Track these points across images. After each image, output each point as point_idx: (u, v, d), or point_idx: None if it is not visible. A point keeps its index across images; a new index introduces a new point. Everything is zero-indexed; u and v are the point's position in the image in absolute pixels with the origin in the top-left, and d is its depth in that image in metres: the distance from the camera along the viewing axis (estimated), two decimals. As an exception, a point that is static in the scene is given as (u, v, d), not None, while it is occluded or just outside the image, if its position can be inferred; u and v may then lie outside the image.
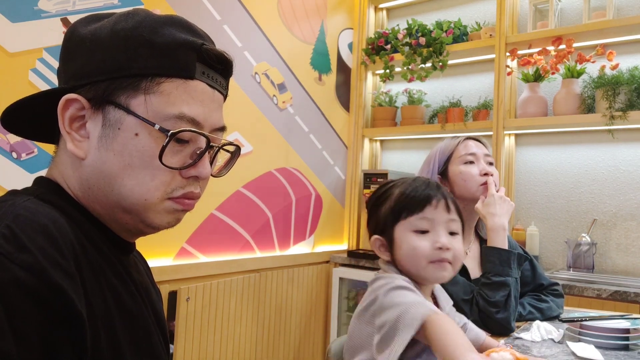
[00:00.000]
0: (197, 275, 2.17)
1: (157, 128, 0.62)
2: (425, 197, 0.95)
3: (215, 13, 2.30)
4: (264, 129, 2.58)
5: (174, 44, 0.64)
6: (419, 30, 2.92)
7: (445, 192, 0.98)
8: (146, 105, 0.63)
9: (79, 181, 0.65)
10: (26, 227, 0.52)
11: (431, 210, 0.95)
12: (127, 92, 0.63)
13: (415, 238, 0.95)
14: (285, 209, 2.71)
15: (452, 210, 0.96)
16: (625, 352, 1.14)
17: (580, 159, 2.61)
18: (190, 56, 0.65)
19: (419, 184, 0.98)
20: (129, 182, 0.63)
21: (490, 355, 0.96)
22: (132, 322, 0.65)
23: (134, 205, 0.64)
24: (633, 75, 2.33)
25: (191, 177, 0.67)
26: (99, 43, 0.63)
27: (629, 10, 2.52)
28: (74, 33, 0.66)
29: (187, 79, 0.64)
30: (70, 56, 0.66)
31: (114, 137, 0.63)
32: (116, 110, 0.63)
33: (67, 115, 0.64)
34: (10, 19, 1.63)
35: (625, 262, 2.44)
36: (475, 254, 1.50)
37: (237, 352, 2.34)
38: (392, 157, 3.30)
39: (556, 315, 1.45)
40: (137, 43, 0.63)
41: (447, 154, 1.53)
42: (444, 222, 0.95)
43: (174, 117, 0.63)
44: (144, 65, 0.63)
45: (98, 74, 0.63)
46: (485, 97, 2.90)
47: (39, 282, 0.50)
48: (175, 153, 0.64)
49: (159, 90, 0.63)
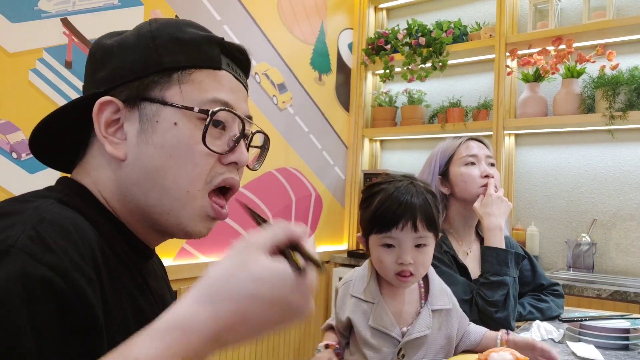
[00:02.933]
0: (197, 275, 2.14)
1: (196, 111, 0.64)
2: (391, 221, 1.03)
3: (215, 13, 2.30)
4: (264, 128, 2.55)
5: (199, 39, 0.67)
6: (419, 30, 2.92)
7: (416, 211, 1.02)
8: (182, 95, 0.64)
9: (116, 184, 0.65)
10: (51, 231, 0.53)
11: (397, 231, 1.03)
12: (160, 86, 0.64)
13: (383, 252, 1.06)
14: (285, 209, 2.71)
15: (419, 229, 1.03)
16: (625, 352, 1.14)
17: (580, 159, 2.61)
18: (215, 49, 0.68)
19: (393, 201, 1.04)
20: (172, 173, 0.64)
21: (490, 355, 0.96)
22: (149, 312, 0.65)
23: (175, 201, 0.64)
24: (633, 75, 2.33)
25: (230, 164, 0.68)
26: (127, 47, 0.65)
27: (629, 10, 2.52)
28: (99, 46, 0.68)
29: (216, 69, 0.67)
30: (99, 66, 0.67)
31: (152, 131, 0.64)
32: (152, 104, 0.64)
33: (103, 119, 0.64)
34: (10, 19, 1.63)
35: (625, 262, 2.44)
36: (476, 254, 1.50)
37: (237, 352, 2.34)
38: (392, 157, 3.30)
39: (556, 316, 1.45)
40: (164, 40, 0.65)
41: (448, 155, 1.53)
42: (410, 240, 1.04)
43: (209, 102, 0.65)
44: (174, 59, 0.65)
45: (129, 74, 0.64)
46: (485, 97, 2.90)
47: (64, 282, 0.50)
48: (214, 138, 0.66)
49: (191, 80, 0.65)
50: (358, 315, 1.09)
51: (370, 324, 1.07)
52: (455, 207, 1.52)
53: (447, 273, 1.38)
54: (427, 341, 1.06)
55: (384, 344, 1.06)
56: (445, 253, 1.44)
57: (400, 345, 1.05)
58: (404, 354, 1.06)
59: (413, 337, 1.05)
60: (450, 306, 1.11)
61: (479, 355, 0.97)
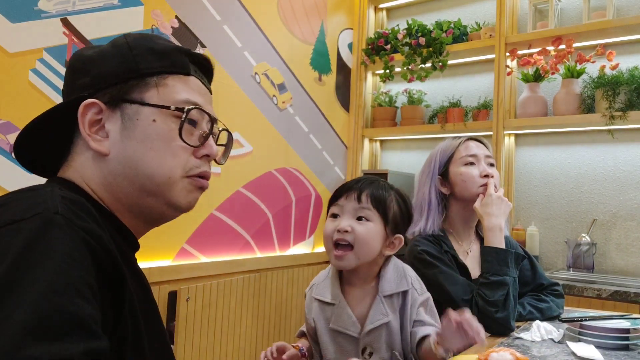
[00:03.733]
0: (197, 276, 2.17)
1: (173, 109, 0.73)
2: (342, 190, 1.10)
3: (215, 13, 2.30)
4: (264, 129, 2.58)
5: (169, 49, 0.76)
6: (419, 30, 2.92)
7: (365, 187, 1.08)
8: (158, 96, 0.73)
9: (101, 177, 0.72)
10: (72, 204, 0.61)
11: (342, 200, 1.09)
12: (139, 89, 0.73)
13: (328, 222, 1.10)
14: (285, 209, 2.71)
15: (363, 201, 1.07)
16: (625, 352, 1.14)
17: (580, 159, 2.61)
18: (184, 58, 0.77)
19: (353, 181, 1.12)
20: (153, 162, 0.72)
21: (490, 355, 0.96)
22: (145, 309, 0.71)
23: (159, 185, 0.73)
24: (633, 75, 2.33)
25: (203, 157, 0.77)
26: (106, 56, 0.74)
27: (629, 10, 2.52)
28: (80, 56, 0.76)
29: (186, 75, 0.77)
30: (80, 73, 0.74)
31: (134, 127, 0.72)
32: (132, 105, 0.72)
33: (87, 119, 0.71)
34: (10, 19, 1.63)
35: (625, 262, 2.44)
36: (476, 253, 1.50)
37: (237, 352, 2.34)
38: (392, 157, 3.30)
39: (556, 316, 1.45)
40: (141, 50, 0.74)
41: (448, 155, 1.53)
42: (352, 210, 1.07)
43: (183, 102, 0.74)
44: (150, 66, 0.74)
45: (111, 79, 0.72)
46: (485, 97, 2.90)
47: (98, 244, 0.58)
48: (188, 134, 0.74)
49: (165, 84, 0.74)
50: (321, 319, 1.09)
51: (330, 326, 1.07)
52: (455, 207, 1.52)
53: (447, 273, 1.38)
54: (390, 329, 1.04)
55: (347, 345, 1.06)
56: (446, 253, 1.44)
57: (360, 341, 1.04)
58: (371, 351, 1.05)
59: (367, 329, 1.03)
60: (406, 287, 1.08)
61: (479, 355, 0.97)
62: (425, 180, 1.55)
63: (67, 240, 0.55)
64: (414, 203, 1.59)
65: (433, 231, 1.48)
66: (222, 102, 2.33)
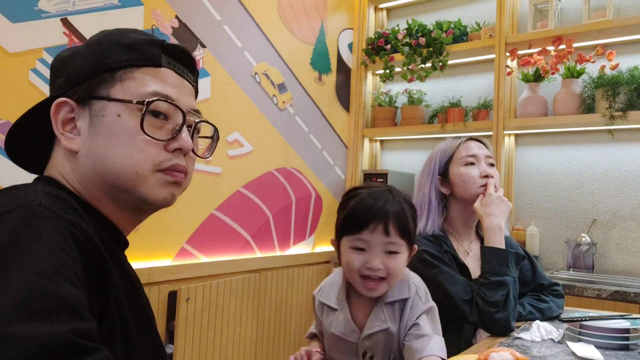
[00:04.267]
0: (197, 275, 2.17)
1: (134, 102, 0.71)
2: (362, 222, 1.01)
3: (215, 13, 2.30)
4: (264, 129, 2.58)
5: (139, 41, 0.74)
6: (419, 30, 2.92)
7: (389, 215, 1.00)
8: (123, 90, 0.72)
9: (76, 174, 0.73)
10: (58, 200, 0.62)
11: (367, 234, 1.01)
12: (106, 85, 0.72)
13: (352, 254, 1.03)
14: (285, 209, 2.71)
15: (391, 234, 1.00)
16: (625, 352, 1.14)
17: (580, 159, 2.61)
18: (155, 49, 0.75)
19: (366, 204, 1.02)
20: (119, 158, 0.71)
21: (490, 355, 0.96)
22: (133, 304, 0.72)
23: (128, 181, 0.71)
24: (633, 75, 2.33)
25: (176, 151, 0.74)
26: (78, 55, 0.74)
27: (629, 10, 2.52)
28: (59, 58, 0.77)
29: (156, 67, 0.74)
30: (58, 74, 0.76)
31: (100, 124, 0.71)
32: (99, 101, 0.72)
33: (59, 118, 0.72)
34: (10, 19, 1.63)
35: (625, 262, 2.44)
36: (476, 253, 1.50)
37: (237, 352, 2.34)
38: (392, 157, 3.30)
39: (556, 316, 1.45)
40: (108, 45, 0.73)
41: (448, 155, 1.53)
42: (381, 244, 1.01)
43: (149, 94, 0.72)
44: (117, 60, 0.72)
45: (80, 77, 0.72)
46: (485, 97, 2.90)
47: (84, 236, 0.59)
48: (157, 128, 0.73)
49: (132, 77, 0.73)
50: (327, 323, 1.10)
51: (331, 330, 1.07)
52: (455, 207, 1.52)
53: (448, 273, 1.38)
54: (389, 335, 1.04)
55: (349, 349, 1.06)
56: (446, 253, 1.44)
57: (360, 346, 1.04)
58: (372, 355, 1.05)
59: (365, 334, 1.04)
60: (408, 295, 1.07)
61: (479, 355, 0.97)
62: (426, 180, 1.54)
63: (53, 229, 0.56)
64: (414, 203, 1.59)
65: (433, 231, 1.48)
66: (222, 102, 2.33)
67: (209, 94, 2.26)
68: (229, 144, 2.38)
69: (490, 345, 1.21)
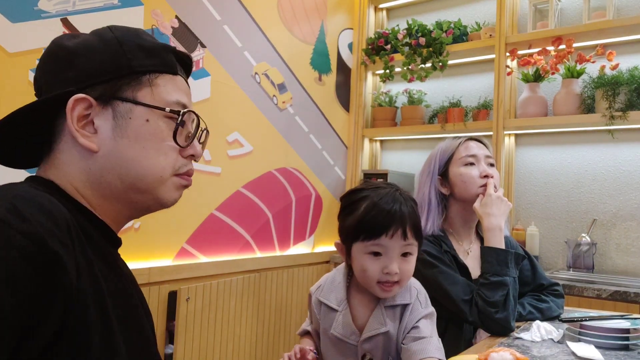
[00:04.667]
0: (197, 275, 2.17)
1: (167, 111, 0.74)
2: (381, 228, 0.99)
3: (215, 13, 2.30)
4: (264, 129, 2.58)
5: (157, 47, 0.76)
6: (419, 30, 2.92)
7: (406, 218, 1.00)
8: (152, 96, 0.73)
9: (88, 174, 0.71)
10: (24, 204, 0.58)
11: (385, 239, 1.00)
12: (132, 87, 0.72)
13: (368, 260, 1.02)
14: (285, 209, 2.71)
15: (409, 237, 1.00)
16: (625, 352, 1.14)
17: (580, 159, 2.61)
18: (172, 57, 0.77)
19: (381, 208, 1.00)
20: (146, 162, 0.73)
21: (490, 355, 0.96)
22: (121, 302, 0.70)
23: (151, 183, 0.73)
24: (633, 75, 2.33)
25: (188, 157, 0.78)
26: (94, 50, 0.72)
27: (629, 10, 2.52)
28: (62, 46, 0.74)
29: (173, 74, 0.77)
30: (65, 65, 0.73)
31: (126, 126, 0.72)
32: (124, 103, 0.72)
33: (75, 114, 0.70)
34: (10, 19, 1.63)
35: (625, 262, 2.44)
36: (476, 254, 1.50)
37: (237, 352, 2.34)
38: (392, 157, 3.30)
39: (556, 316, 1.45)
40: (131, 47, 0.73)
41: (447, 155, 1.53)
42: (397, 249, 1.01)
43: (174, 103, 0.75)
44: (142, 64, 0.73)
45: (101, 75, 0.71)
46: (485, 97, 2.90)
47: (38, 249, 0.55)
48: (179, 135, 0.75)
49: (157, 83, 0.74)
50: (325, 322, 1.09)
51: (331, 332, 1.07)
52: (455, 207, 1.52)
53: (447, 273, 1.38)
54: (388, 338, 1.04)
55: (347, 350, 1.06)
56: (446, 253, 1.44)
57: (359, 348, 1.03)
58: (371, 357, 1.04)
59: (364, 337, 1.03)
60: (409, 301, 1.06)
61: (478, 355, 0.97)
62: (425, 180, 1.54)
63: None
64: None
65: (433, 231, 1.48)
66: (222, 102, 2.33)
67: (209, 94, 2.26)
68: (229, 144, 2.38)
69: (490, 345, 1.21)
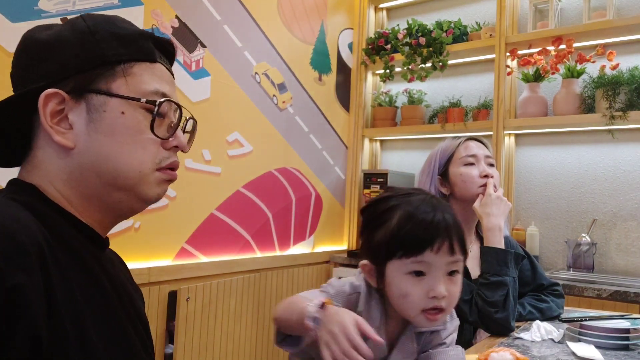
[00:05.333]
0: (197, 275, 2.17)
1: (143, 101, 0.69)
2: (426, 240, 0.82)
3: (215, 13, 2.30)
4: (264, 129, 2.58)
5: (134, 34, 0.72)
6: (419, 30, 2.92)
7: (451, 228, 0.84)
8: (127, 86, 0.69)
9: (67, 172, 0.68)
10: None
11: (431, 254, 0.82)
12: (105, 79, 0.68)
13: (409, 283, 0.83)
14: (285, 209, 2.71)
15: (456, 251, 0.84)
16: (625, 352, 1.14)
17: (580, 159, 2.61)
18: (149, 43, 0.73)
19: (422, 217, 0.83)
20: (123, 157, 0.69)
21: (490, 355, 0.96)
22: (103, 316, 0.67)
23: (130, 179, 0.70)
24: (633, 75, 2.33)
25: (172, 148, 0.74)
26: (66, 42, 0.69)
27: (629, 10, 2.52)
28: (33, 39, 0.71)
29: (152, 62, 0.73)
30: (37, 59, 0.70)
31: (101, 120, 0.68)
32: (98, 96, 0.68)
33: (48, 111, 0.67)
34: (10, 19, 1.63)
35: (625, 262, 2.44)
36: (476, 254, 1.50)
37: (236, 352, 2.34)
38: (392, 157, 3.30)
39: (556, 316, 1.45)
40: (104, 35, 0.69)
41: (447, 155, 1.53)
42: (445, 265, 0.83)
43: (152, 93, 0.71)
44: (116, 53, 0.69)
45: (73, 68, 0.68)
46: (485, 97, 2.90)
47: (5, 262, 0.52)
48: (158, 126, 0.71)
49: (133, 72, 0.70)
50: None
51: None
52: (455, 207, 1.51)
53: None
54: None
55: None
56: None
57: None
58: None
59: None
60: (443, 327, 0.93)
61: (479, 355, 0.97)
62: (425, 180, 1.55)
63: None
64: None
65: (433, 231, 1.48)
66: (222, 102, 2.33)
67: (209, 94, 2.26)
68: (229, 144, 2.38)
69: (490, 345, 1.21)
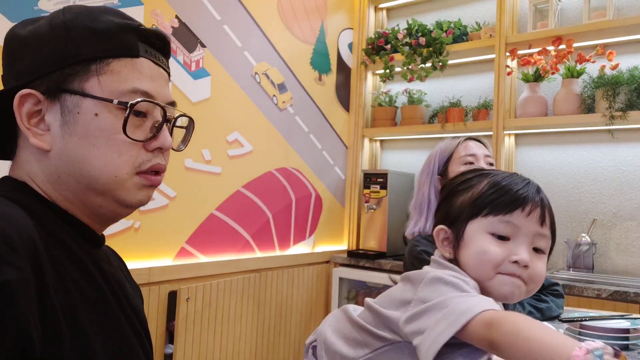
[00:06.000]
0: (197, 275, 2.17)
1: (115, 103, 0.65)
2: (518, 198, 0.76)
3: (215, 13, 2.30)
4: (264, 129, 2.58)
5: (114, 27, 0.67)
6: (419, 30, 2.92)
7: (545, 201, 0.79)
8: (100, 86, 0.66)
9: (46, 174, 0.67)
10: None
11: (520, 216, 0.75)
12: (79, 78, 0.65)
13: (490, 241, 0.76)
14: (285, 209, 2.71)
15: (546, 224, 0.78)
16: (625, 352, 1.14)
17: (580, 159, 2.61)
18: (132, 37, 0.68)
19: (517, 179, 0.78)
20: (98, 162, 0.66)
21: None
22: (99, 313, 0.65)
23: (106, 185, 0.67)
24: (633, 75, 2.33)
25: (156, 150, 0.70)
26: (41, 38, 0.66)
27: (629, 10, 2.51)
28: (14, 36, 0.69)
29: (133, 57, 0.68)
30: (15, 57, 0.68)
31: (74, 122, 0.65)
32: (72, 96, 0.65)
33: (24, 112, 0.65)
34: (10, 18, 1.63)
35: (625, 262, 2.44)
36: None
37: (237, 352, 2.34)
38: (392, 157, 3.30)
39: (556, 316, 1.45)
40: (79, 31, 0.66)
41: (447, 155, 1.53)
42: (531, 234, 0.76)
43: (129, 92, 0.66)
44: (91, 50, 0.65)
45: (47, 66, 0.65)
46: (485, 97, 2.90)
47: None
48: (136, 127, 0.68)
49: (109, 70, 0.66)
50: None
51: None
52: (455, 207, 1.52)
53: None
54: None
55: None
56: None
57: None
58: None
59: None
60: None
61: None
62: (425, 180, 1.55)
63: None
64: (414, 203, 1.59)
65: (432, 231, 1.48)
66: (222, 102, 2.33)
67: (209, 94, 2.26)
68: (229, 144, 2.38)
69: (490, 345, 1.21)
